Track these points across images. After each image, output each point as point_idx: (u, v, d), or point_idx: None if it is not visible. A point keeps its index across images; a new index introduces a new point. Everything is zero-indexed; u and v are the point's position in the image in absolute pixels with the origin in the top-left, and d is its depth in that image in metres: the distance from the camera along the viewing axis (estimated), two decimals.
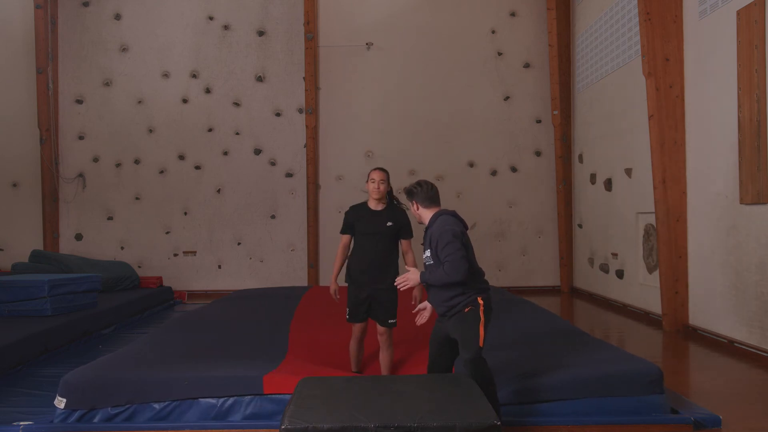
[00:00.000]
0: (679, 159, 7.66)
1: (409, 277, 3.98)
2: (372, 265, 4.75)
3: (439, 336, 4.04)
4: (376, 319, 4.79)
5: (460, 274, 3.77)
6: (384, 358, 4.83)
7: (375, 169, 4.81)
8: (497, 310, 6.55)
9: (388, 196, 4.86)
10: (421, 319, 4.23)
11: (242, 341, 5.38)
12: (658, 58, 7.68)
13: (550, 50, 11.67)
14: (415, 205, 4.09)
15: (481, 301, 3.86)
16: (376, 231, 4.76)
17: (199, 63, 11.78)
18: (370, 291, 4.74)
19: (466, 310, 3.84)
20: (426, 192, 4.08)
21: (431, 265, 3.95)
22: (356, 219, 4.84)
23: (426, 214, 4.06)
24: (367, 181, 4.79)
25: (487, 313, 3.88)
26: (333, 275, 4.95)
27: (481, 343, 3.81)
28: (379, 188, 4.74)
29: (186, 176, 11.79)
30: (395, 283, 4.11)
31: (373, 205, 4.82)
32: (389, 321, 4.77)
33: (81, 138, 11.74)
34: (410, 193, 4.11)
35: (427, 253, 3.98)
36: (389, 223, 4.77)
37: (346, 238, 4.91)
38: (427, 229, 4.03)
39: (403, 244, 4.87)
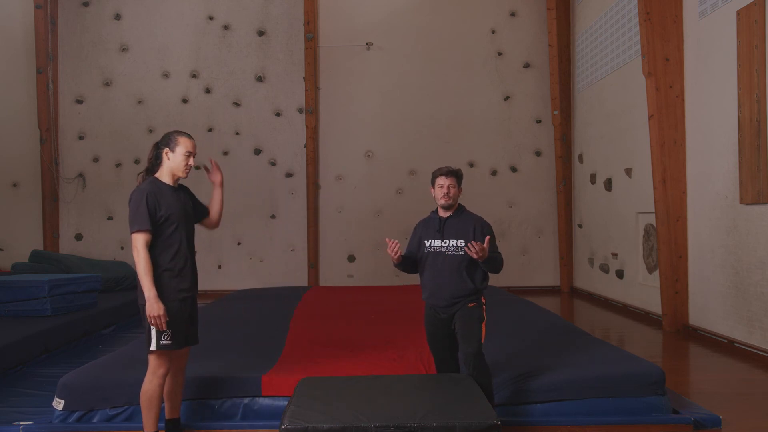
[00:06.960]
0: (679, 159, 7.66)
1: (486, 249, 3.76)
2: (193, 265, 3.71)
3: (442, 334, 4.05)
4: (192, 336, 3.77)
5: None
6: (179, 385, 3.83)
7: (183, 135, 3.70)
8: (498, 310, 6.58)
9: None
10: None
11: (242, 342, 5.37)
12: (658, 58, 7.68)
13: (550, 50, 11.67)
14: (458, 188, 4.05)
15: (483, 300, 4.04)
16: (184, 215, 3.67)
17: (199, 63, 11.78)
18: (193, 301, 3.73)
19: (471, 305, 3.94)
20: None
21: (462, 255, 3.93)
22: (158, 203, 3.55)
23: (456, 201, 4.09)
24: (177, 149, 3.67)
25: (486, 312, 4.05)
26: (153, 293, 3.45)
27: (482, 339, 3.93)
28: (187, 163, 3.64)
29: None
30: (479, 252, 3.65)
31: (170, 180, 3.69)
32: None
33: (81, 138, 11.74)
34: (461, 176, 4.08)
35: (461, 242, 3.95)
36: (191, 203, 3.81)
37: (147, 236, 3.51)
38: (451, 217, 4.04)
39: (205, 222, 3.96)
